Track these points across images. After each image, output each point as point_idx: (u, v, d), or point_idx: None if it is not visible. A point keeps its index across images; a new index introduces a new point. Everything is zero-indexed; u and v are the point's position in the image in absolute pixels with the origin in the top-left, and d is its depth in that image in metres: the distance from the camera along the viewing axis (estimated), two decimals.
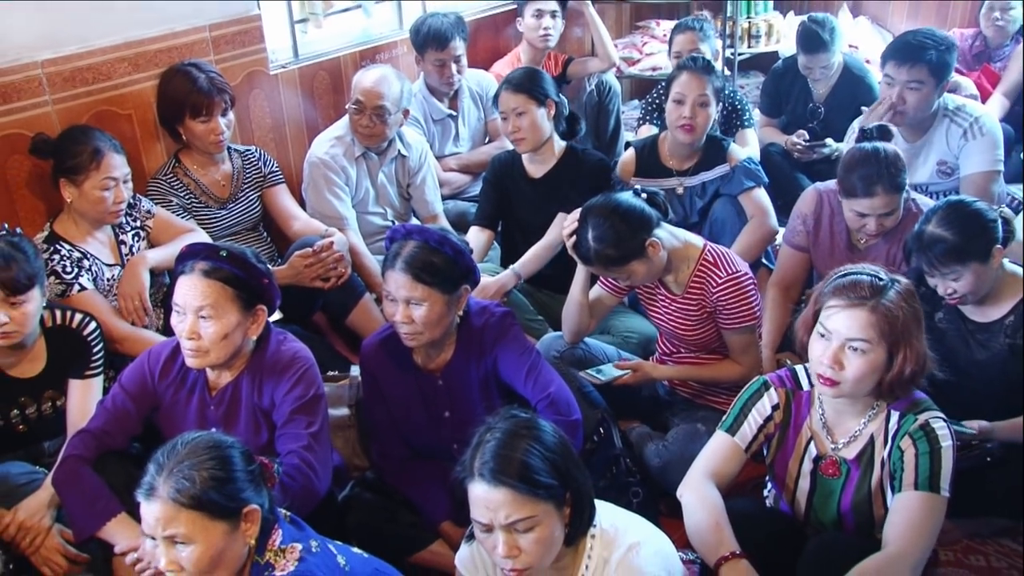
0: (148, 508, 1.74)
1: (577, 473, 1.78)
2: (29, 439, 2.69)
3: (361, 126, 3.51)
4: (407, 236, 2.40)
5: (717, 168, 3.44)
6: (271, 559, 1.81)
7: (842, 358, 1.98)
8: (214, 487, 1.72)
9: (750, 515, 2.12)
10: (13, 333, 2.46)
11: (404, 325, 2.38)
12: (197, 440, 1.79)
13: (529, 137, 3.30)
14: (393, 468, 2.58)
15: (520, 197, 3.46)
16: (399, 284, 2.35)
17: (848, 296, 1.98)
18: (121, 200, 2.93)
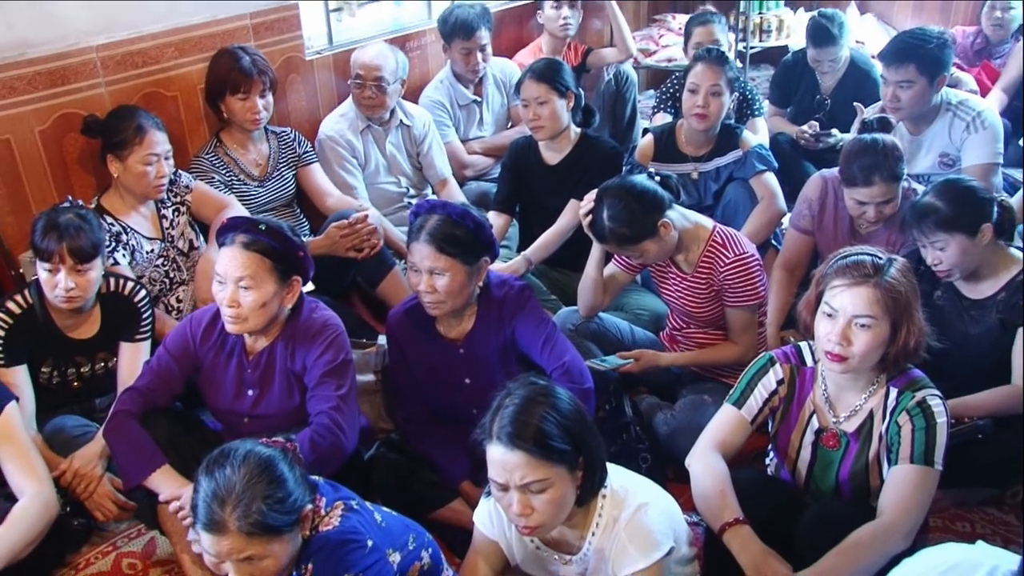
0: (216, 541, 1.68)
1: (590, 439, 1.77)
2: (83, 396, 2.73)
3: (364, 98, 3.56)
4: (431, 210, 2.40)
5: (730, 154, 3.42)
6: (317, 521, 1.81)
7: (849, 335, 1.96)
8: (277, 510, 1.69)
9: (753, 484, 2.11)
10: (77, 298, 2.49)
11: (427, 294, 2.38)
12: (249, 460, 1.71)
13: (548, 125, 3.28)
14: (416, 431, 2.58)
15: (536, 182, 3.44)
16: (423, 255, 2.35)
17: (852, 275, 1.96)
18: (163, 175, 2.94)
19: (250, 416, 2.40)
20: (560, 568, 1.88)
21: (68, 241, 2.43)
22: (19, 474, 2.18)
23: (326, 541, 1.78)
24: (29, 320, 2.56)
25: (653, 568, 1.76)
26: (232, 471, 1.69)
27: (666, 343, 3.03)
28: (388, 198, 3.74)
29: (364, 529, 1.83)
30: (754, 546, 1.91)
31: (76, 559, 2.52)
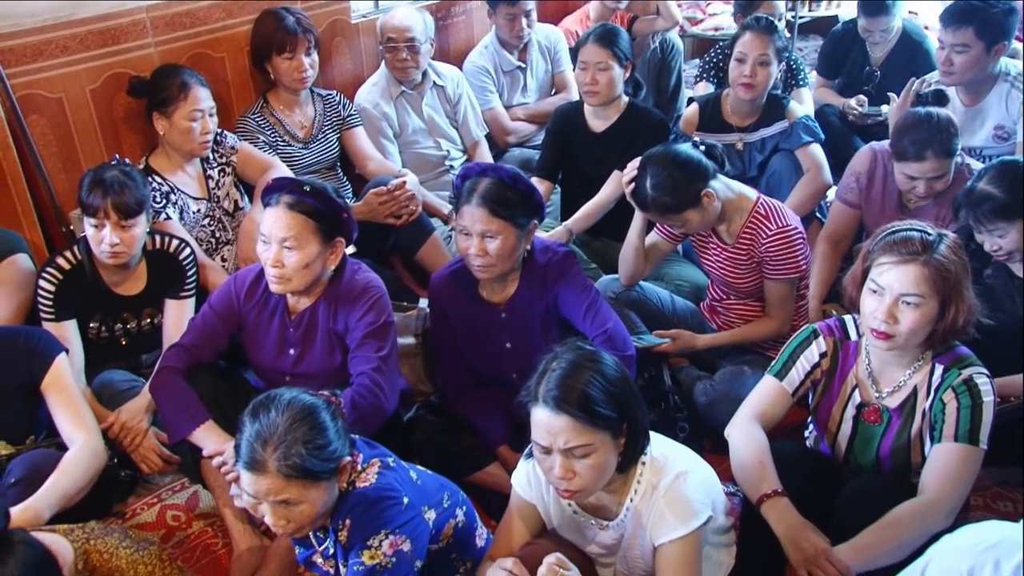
0: (255, 479, 1.71)
1: (635, 407, 1.75)
2: (129, 351, 2.76)
3: (398, 61, 3.54)
4: (482, 173, 2.38)
5: (776, 124, 3.36)
6: (354, 477, 1.83)
7: (896, 312, 1.91)
8: (316, 456, 1.71)
9: (792, 456, 2.08)
10: (122, 253, 2.52)
11: (478, 258, 2.36)
12: (293, 406, 1.74)
13: (604, 92, 3.23)
14: (456, 394, 2.58)
15: (580, 149, 3.39)
16: (476, 218, 2.33)
17: (900, 252, 1.90)
18: (207, 132, 2.96)
19: (292, 375, 2.41)
20: (597, 533, 1.87)
21: (113, 197, 2.45)
22: (69, 424, 2.22)
23: (363, 497, 1.79)
24: (78, 276, 2.59)
25: (690, 537, 1.74)
26: (276, 414, 1.72)
27: (706, 314, 3.00)
28: (428, 163, 3.72)
29: (400, 486, 1.84)
30: (792, 518, 1.89)
31: (123, 509, 2.57)
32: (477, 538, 2.07)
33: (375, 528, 1.76)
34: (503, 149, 3.99)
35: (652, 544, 1.78)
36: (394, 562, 1.75)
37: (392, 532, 1.76)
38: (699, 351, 2.82)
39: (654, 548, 1.78)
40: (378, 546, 1.75)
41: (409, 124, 3.66)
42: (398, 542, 1.76)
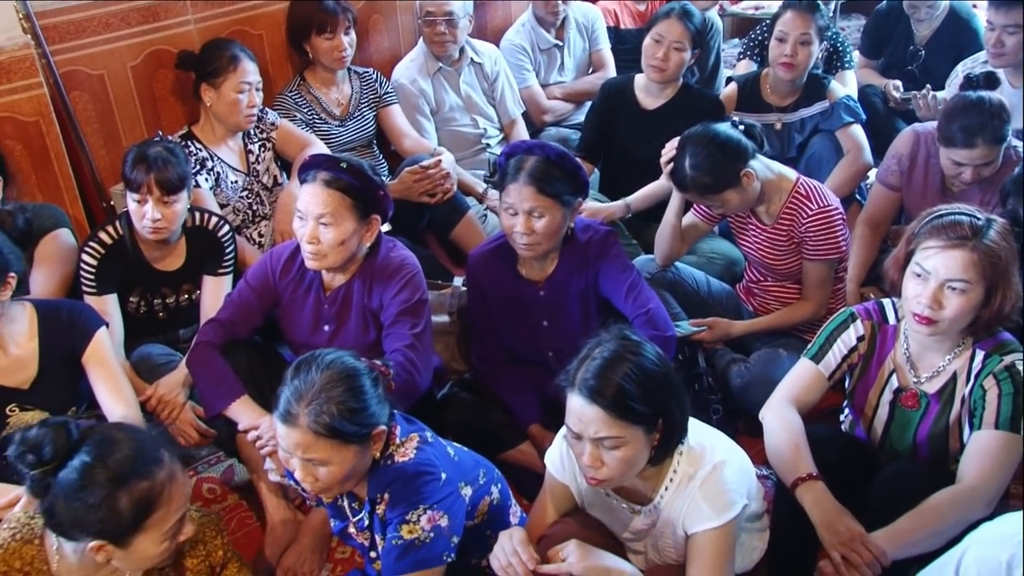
0: (287, 432, 1.73)
1: (673, 404, 1.71)
2: (167, 326, 2.79)
3: (436, 35, 3.51)
4: (528, 151, 2.36)
5: (816, 104, 3.31)
6: (392, 451, 1.83)
7: (941, 298, 1.86)
8: (348, 418, 1.71)
9: (827, 439, 2.04)
10: (163, 229, 2.54)
11: (525, 236, 2.35)
12: (333, 367, 1.75)
13: (670, 71, 3.17)
14: (490, 371, 2.58)
15: (628, 126, 3.33)
16: (523, 196, 2.31)
17: (947, 236, 1.85)
18: (253, 105, 2.98)
19: None
20: (629, 518, 1.85)
21: (156, 173, 2.47)
22: (109, 396, 2.25)
23: (402, 472, 1.80)
24: (119, 251, 2.61)
25: (725, 527, 1.72)
26: (315, 373, 1.74)
27: (742, 296, 2.96)
28: (464, 141, 3.69)
29: (438, 462, 1.83)
30: (827, 503, 1.85)
31: None
32: (511, 516, 2.07)
33: (413, 503, 1.77)
34: (539, 128, 3.96)
35: (685, 532, 1.76)
36: (432, 537, 1.75)
37: (430, 507, 1.76)
38: (734, 338, 2.79)
39: (687, 536, 1.76)
40: (416, 521, 1.76)
41: (446, 101, 3.64)
42: (436, 517, 1.77)
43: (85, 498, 1.54)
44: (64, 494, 1.55)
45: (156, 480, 1.58)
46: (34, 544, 1.68)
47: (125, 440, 1.60)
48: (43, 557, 1.67)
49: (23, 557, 1.66)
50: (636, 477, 1.78)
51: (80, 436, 1.60)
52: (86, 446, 1.58)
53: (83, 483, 1.54)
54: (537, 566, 1.70)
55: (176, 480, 1.62)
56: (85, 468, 1.55)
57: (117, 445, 1.58)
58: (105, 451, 1.57)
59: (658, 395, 1.69)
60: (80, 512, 1.55)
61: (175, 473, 1.63)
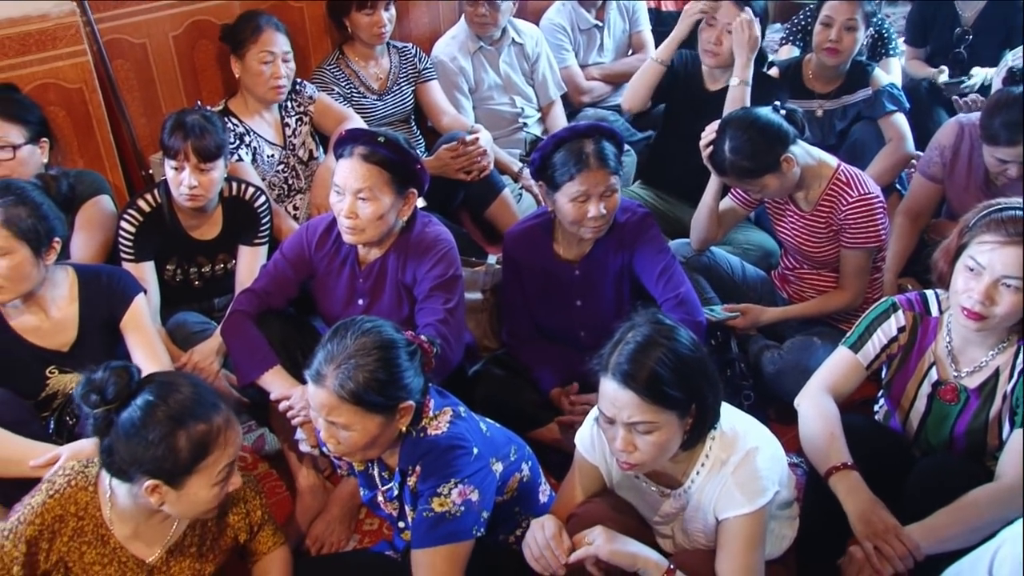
0: (314, 391, 1.75)
1: (707, 390, 1.68)
2: (203, 294, 2.80)
3: (477, 16, 3.48)
4: (584, 135, 2.36)
5: (859, 92, 3.24)
6: (425, 424, 1.82)
7: (994, 294, 1.81)
8: (375, 388, 1.71)
9: (862, 430, 2.00)
10: (200, 196, 2.54)
11: (601, 218, 2.35)
12: (368, 335, 1.75)
13: (724, 54, 3.09)
14: (519, 345, 2.58)
15: (689, 104, 3.24)
16: (598, 180, 2.32)
17: (1006, 232, 1.79)
18: (278, 76, 2.95)
19: None
20: (659, 501, 1.83)
21: (193, 140, 2.47)
22: (145, 361, 2.25)
23: (434, 445, 1.79)
24: (157, 219, 2.62)
25: (756, 513, 1.69)
26: (350, 338, 1.75)
27: (777, 283, 2.91)
28: (502, 120, 3.66)
29: (471, 437, 1.83)
30: (862, 493, 1.82)
31: None
32: (540, 494, 2.06)
33: (445, 476, 1.76)
34: (576, 108, 3.91)
35: (716, 518, 1.74)
36: (462, 511, 1.75)
37: (461, 481, 1.76)
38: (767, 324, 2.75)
39: (717, 521, 1.74)
40: (447, 494, 1.76)
41: (485, 80, 3.61)
42: (467, 491, 1.76)
43: (146, 435, 1.59)
44: (125, 432, 1.60)
45: (213, 423, 1.63)
46: (88, 491, 1.71)
47: (185, 385, 1.66)
48: (96, 503, 1.71)
49: (77, 503, 1.70)
50: (668, 461, 1.75)
51: (141, 380, 1.65)
52: (148, 388, 1.63)
53: (145, 420, 1.59)
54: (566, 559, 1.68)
55: (232, 426, 1.67)
56: (148, 406, 1.60)
57: (178, 388, 1.64)
58: (167, 392, 1.62)
59: (692, 380, 1.67)
60: (139, 449, 1.59)
61: (231, 419, 1.68)
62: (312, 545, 2.30)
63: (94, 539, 1.71)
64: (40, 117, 2.64)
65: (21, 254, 2.08)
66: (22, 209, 2.08)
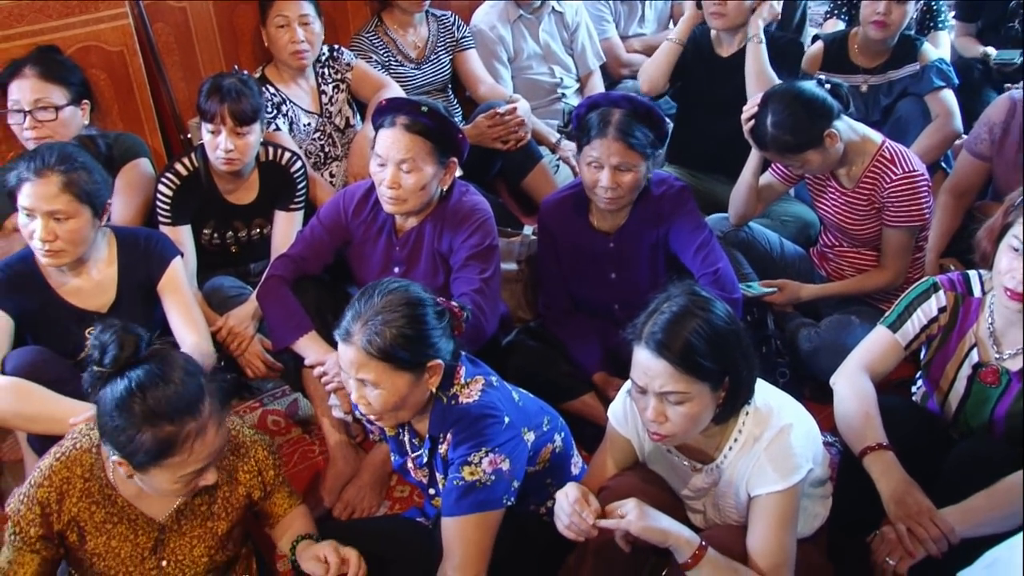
0: (343, 350, 1.76)
1: (741, 363, 1.67)
2: (239, 259, 2.82)
3: None
4: (614, 104, 2.32)
5: (907, 67, 3.16)
6: (457, 391, 1.83)
7: None
8: (402, 344, 1.71)
9: (899, 410, 1.98)
10: (236, 160, 2.55)
11: (611, 190, 2.32)
12: (395, 293, 1.76)
13: (730, 15, 3.04)
14: (556, 318, 2.57)
15: (703, 73, 3.22)
16: (611, 151, 2.28)
17: None
18: (295, 41, 2.93)
19: None
20: (690, 475, 1.83)
21: (229, 103, 2.48)
22: (182, 324, 2.29)
23: (465, 413, 1.79)
24: (194, 183, 2.64)
25: (789, 491, 1.68)
26: (377, 297, 1.76)
27: (815, 260, 2.88)
28: (541, 89, 3.64)
29: (502, 406, 1.83)
30: (896, 474, 1.80)
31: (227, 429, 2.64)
32: (572, 466, 2.06)
33: (476, 445, 1.77)
34: (616, 80, 3.87)
35: (748, 494, 1.72)
36: (493, 480, 1.76)
37: (492, 450, 1.76)
38: (804, 301, 2.72)
39: (749, 498, 1.73)
40: (478, 463, 1.76)
41: (524, 49, 3.58)
42: (498, 460, 1.76)
43: (116, 416, 1.58)
44: (104, 403, 1.60)
45: (183, 430, 1.59)
46: (91, 453, 1.73)
47: (174, 382, 1.60)
48: (100, 464, 1.73)
49: (83, 464, 1.73)
50: (699, 435, 1.74)
51: (145, 356, 1.62)
52: (140, 369, 1.59)
53: (119, 403, 1.58)
54: (596, 520, 1.68)
55: (204, 437, 1.62)
56: (126, 393, 1.57)
57: (163, 383, 1.59)
58: (149, 384, 1.58)
59: (726, 352, 1.65)
60: (108, 426, 1.60)
61: (206, 429, 1.62)
62: (343, 510, 2.33)
63: (102, 499, 1.73)
64: (82, 79, 2.67)
65: (84, 217, 2.12)
66: (83, 173, 2.12)
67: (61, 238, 2.11)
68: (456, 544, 1.77)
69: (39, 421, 2.07)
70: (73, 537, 1.74)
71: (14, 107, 2.55)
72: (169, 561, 1.79)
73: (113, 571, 1.76)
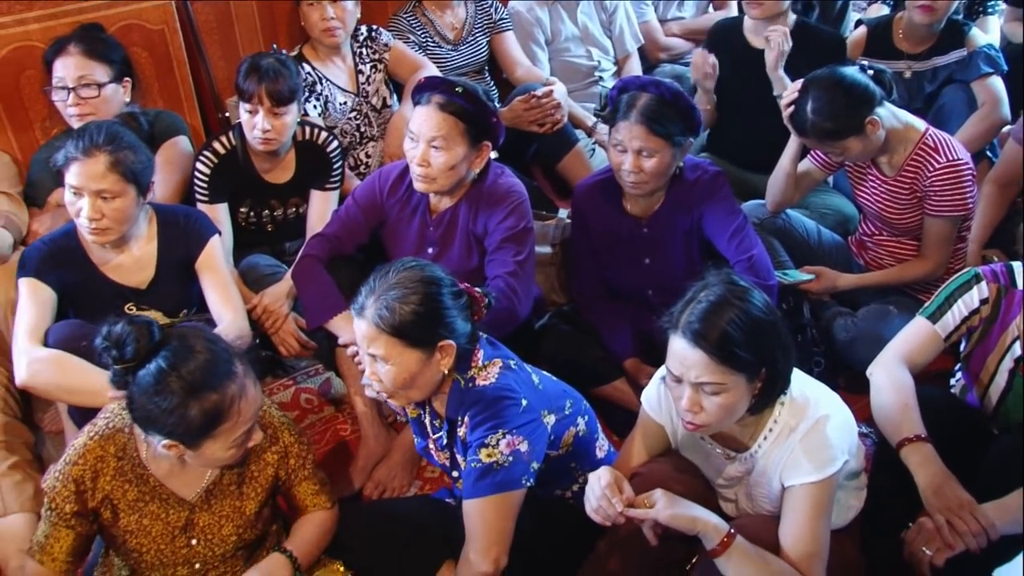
0: (357, 324, 1.77)
1: (778, 353, 1.65)
2: (274, 238, 2.84)
3: None
4: (642, 88, 2.29)
5: (953, 53, 3.08)
6: (474, 374, 1.82)
7: None
8: (413, 321, 1.72)
9: (938, 402, 1.95)
10: (273, 140, 2.56)
11: (632, 174, 2.30)
12: (410, 270, 1.77)
13: (767, 4, 2.98)
14: (589, 303, 2.56)
15: (735, 66, 3.16)
16: (633, 134, 2.26)
17: None
18: (325, 18, 2.93)
19: None
20: (723, 464, 1.81)
21: (267, 83, 2.49)
22: (218, 301, 2.31)
23: (481, 396, 1.79)
24: (232, 161, 2.66)
25: (824, 482, 1.66)
26: (393, 274, 1.77)
27: (854, 249, 2.84)
28: (578, 72, 3.61)
29: (519, 388, 1.82)
30: (935, 466, 1.78)
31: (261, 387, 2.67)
32: (597, 449, 2.04)
33: (493, 427, 1.76)
34: (653, 64, 3.83)
35: (782, 484, 1.71)
36: (510, 461, 1.75)
37: (510, 432, 1.76)
38: (841, 291, 2.69)
39: (783, 488, 1.71)
40: (495, 445, 1.75)
41: (562, 31, 3.55)
42: (515, 442, 1.76)
43: (159, 402, 1.59)
44: (141, 393, 1.61)
45: (226, 394, 1.62)
46: (124, 432, 1.76)
47: (201, 351, 1.63)
48: (133, 444, 1.76)
49: (116, 443, 1.75)
50: (734, 424, 1.73)
51: (161, 339, 1.64)
52: (165, 350, 1.61)
53: (157, 388, 1.59)
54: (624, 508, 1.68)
55: (246, 395, 1.66)
56: (160, 374, 1.59)
57: (193, 355, 1.61)
58: (180, 360, 1.60)
59: (763, 343, 1.63)
60: (154, 413, 1.61)
61: (246, 387, 1.66)
62: (373, 489, 2.35)
63: (134, 478, 1.76)
64: (124, 57, 2.70)
65: (130, 196, 2.15)
66: (129, 153, 2.15)
67: (107, 216, 2.14)
68: (477, 526, 1.77)
69: (79, 393, 2.11)
70: (107, 514, 1.77)
71: (58, 84, 2.59)
72: (199, 539, 1.81)
73: (145, 548, 1.79)
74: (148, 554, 1.79)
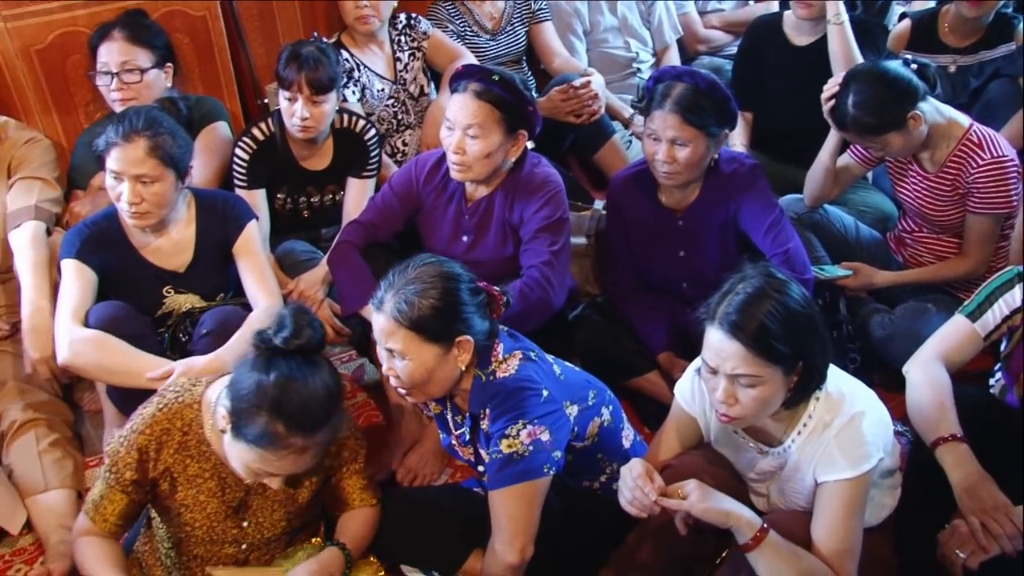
0: (375, 318, 1.79)
1: (816, 348, 1.64)
2: (311, 224, 2.86)
3: None
4: (677, 78, 2.28)
5: (1001, 47, 3.03)
6: (495, 368, 1.83)
7: None
8: (431, 316, 1.73)
9: (976, 403, 1.93)
10: (311, 128, 2.58)
11: (665, 164, 2.29)
12: (429, 266, 1.78)
13: (817, 5, 2.92)
14: (623, 295, 2.55)
15: (775, 65, 3.13)
16: (667, 124, 2.25)
17: None
18: (359, 5, 2.93)
19: (464, 260, 2.37)
20: (756, 458, 1.80)
21: (307, 72, 2.50)
22: (255, 286, 2.33)
23: (501, 387, 1.80)
24: (270, 147, 2.68)
25: (858, 479, 1.65)
26: (411, 269, 1.78)
27: (892, 245, 2.80)
28: (616, 64, 3.59)
29: (539, 378, 1.82)
30: (971, 466, 1.76)
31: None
32: (623, 439, 2.03)
33: (513, 417, 1.76)
34: (692, 56, 3.80)
35: (815, 480, 1.70)
36: (531, 450, 1.75)
37: (530, 422, 1.76)
38: (878, 287, 2.65)
39: (816, 484, 1.70)
40: (515, 435, 1.75)
41: (601, 22, 3.54)
42: (536, 431, 1.76)
43: (249, 388, 1.62)
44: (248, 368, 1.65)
45: (290, 439, 1.62)
46: (192, 408, 1.79)
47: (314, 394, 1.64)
48: (199, 421, 1.79)
49: (183, 418, 1.79)
50: (768, 418, 1.72)
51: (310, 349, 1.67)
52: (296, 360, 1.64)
53: (259, 381, 1.62)
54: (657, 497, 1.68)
55: (301, 457, 1.65)
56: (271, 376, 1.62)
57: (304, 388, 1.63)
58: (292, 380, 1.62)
59: (801, 336, 1.62)
60: (237, 388, 1.65)
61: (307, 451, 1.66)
62: (405, 476, 2.36)
63: (197, 454, 1.79)
64: (166, 42, 2.73)
65: (168, 180, 2.18)
66: (168, 138, 2.18)
67: (147, 200, 2.17)
68: (502, 516, 1.78)
69: (118, 373, 2.15)
70: (165, 486, 1.80)
71: (102, 69, 2.63)
72: (250, 522, 1.85)
73: (198, 523, 1.83)
74: (200, 530, 1.83)
